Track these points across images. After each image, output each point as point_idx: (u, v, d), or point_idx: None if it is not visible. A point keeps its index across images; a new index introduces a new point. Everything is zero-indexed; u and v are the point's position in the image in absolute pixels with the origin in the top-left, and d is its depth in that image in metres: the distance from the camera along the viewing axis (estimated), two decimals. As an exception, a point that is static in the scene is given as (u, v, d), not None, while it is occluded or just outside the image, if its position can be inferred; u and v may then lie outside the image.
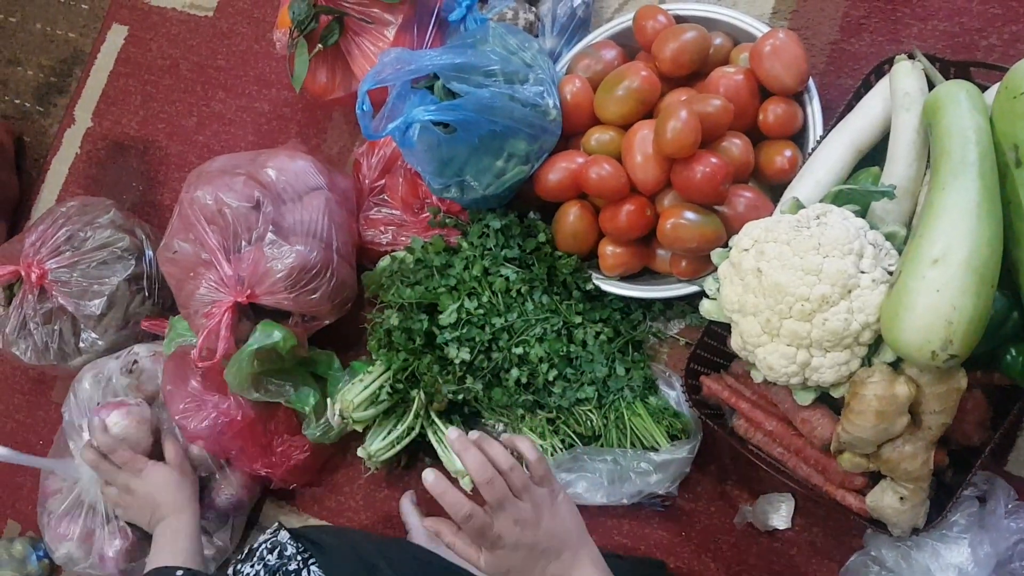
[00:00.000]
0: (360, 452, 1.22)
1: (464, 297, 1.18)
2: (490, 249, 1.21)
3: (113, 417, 1.23)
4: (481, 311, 1.18)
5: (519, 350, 1.17)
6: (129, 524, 1.27)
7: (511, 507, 0.80)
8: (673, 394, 1.16)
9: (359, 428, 1.21)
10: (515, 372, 1.17)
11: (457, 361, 1.16)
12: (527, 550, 0.80)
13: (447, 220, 1.27)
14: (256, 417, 1.24)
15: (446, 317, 1.17)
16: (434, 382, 1.17)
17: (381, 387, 1.20)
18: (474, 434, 0.83)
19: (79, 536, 1.29)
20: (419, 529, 1.23)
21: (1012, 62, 0.89)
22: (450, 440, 0.82)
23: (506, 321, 1.18)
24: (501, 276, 1.19)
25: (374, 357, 1.23)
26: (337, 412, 1.20)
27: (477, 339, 1.17)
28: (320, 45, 1.29)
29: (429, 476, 0.79)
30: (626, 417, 1.14)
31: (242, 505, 1.35)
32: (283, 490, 1.37)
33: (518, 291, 1.19)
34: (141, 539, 1.28)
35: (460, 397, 1.18)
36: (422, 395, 1.20)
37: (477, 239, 1.22)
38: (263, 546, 0.98)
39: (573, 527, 0.84)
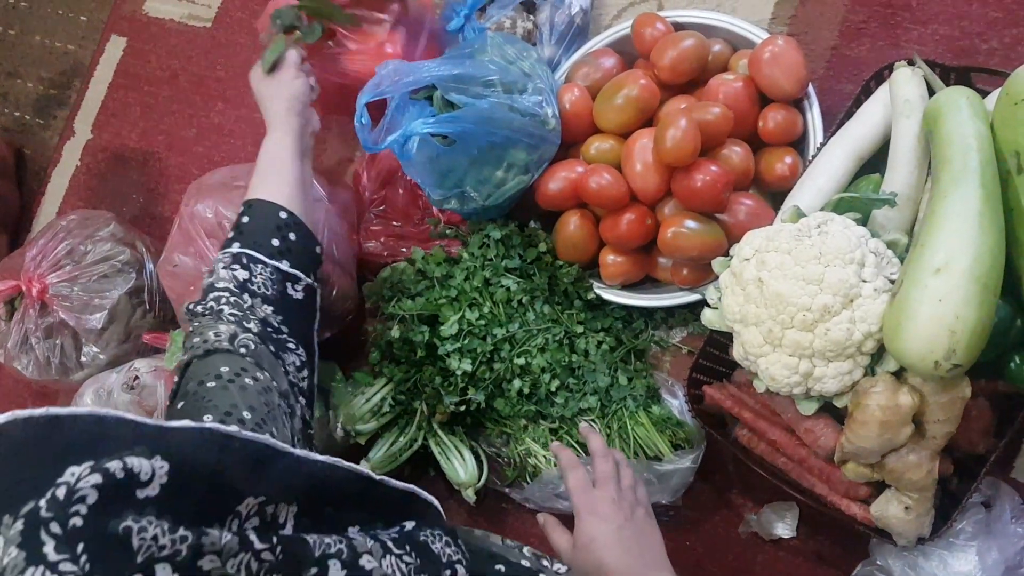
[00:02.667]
0: (363, 465, 1.22)
1: (465, 308, 1.18)
2: (491, 259, 1.21)
3: None
4: (482, 322, 1.17)
5: (521, 360, 1.17)
6: None
7: (613, 486, 0.89)
8: (676, 403, 1.16)
9: (362, 441, 1.21)
10: (517, 382, 1.17)
11: (459, 372, 1.16)
12: (616, 528, 0.85)
13: (447, 231, 1.27)
14: (258, 431, 1.24)
15: (447, 328, 1.17)
16: (436, 394, 1.17)
17: (383, 399, 1.19)
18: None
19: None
20: None
21: (1013, 67, 0.89)
22: (583, 429, 1.01)
23: (507, 331, 1.17)
24: (502, 286, 1.19)
25: (376, 369, 1.23)
26: (340, 425, 1.19)
27: (479, 350, 1.16)
28: (299, 33, 1.20)
29: (555, 444, 1.01)
30: (629, 427, 1.13)
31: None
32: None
33: (519, 301, 1.19)
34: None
35: (462, 408, 1.18)
36: (424, 407, 1.19)
37: (478, 249, 1.22)
38: None
39: (655, 545, 0.87)
